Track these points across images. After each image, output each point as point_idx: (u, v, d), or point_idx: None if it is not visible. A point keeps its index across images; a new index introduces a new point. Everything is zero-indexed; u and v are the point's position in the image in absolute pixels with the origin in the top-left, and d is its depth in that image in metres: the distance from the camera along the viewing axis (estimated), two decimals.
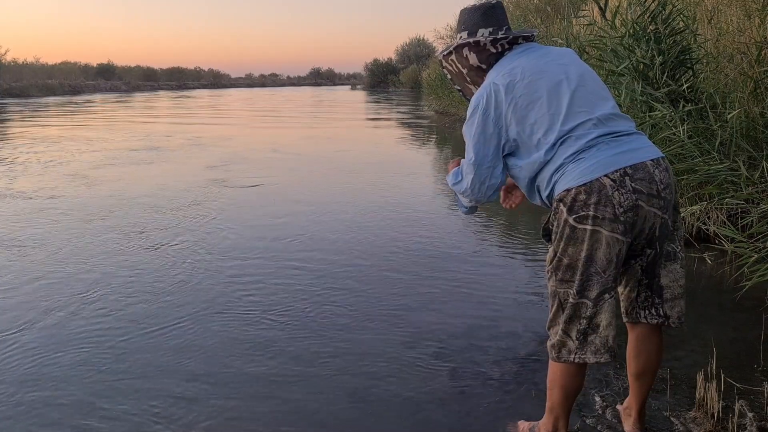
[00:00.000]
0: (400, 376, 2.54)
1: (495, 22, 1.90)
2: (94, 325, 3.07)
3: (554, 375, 1.85)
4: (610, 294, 1.73)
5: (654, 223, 1.72)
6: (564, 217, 1.70)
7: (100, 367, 2.62)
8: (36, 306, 3.32)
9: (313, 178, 7.65)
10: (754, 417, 2.12)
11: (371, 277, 3.81)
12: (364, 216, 5.51)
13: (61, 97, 36.48)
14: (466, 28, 1.92)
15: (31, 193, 6.53)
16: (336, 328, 3.04)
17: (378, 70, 52.87)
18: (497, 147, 1.81)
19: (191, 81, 74.62)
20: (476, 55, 1.89)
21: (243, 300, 3.42)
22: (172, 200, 6.12)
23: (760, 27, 4.00)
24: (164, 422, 2.21)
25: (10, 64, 46.24)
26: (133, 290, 3.56)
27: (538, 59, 1.83)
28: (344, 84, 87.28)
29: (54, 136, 13.03)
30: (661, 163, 1.73)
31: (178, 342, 2.87)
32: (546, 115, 1.74)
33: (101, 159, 9.27)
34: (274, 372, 2.58)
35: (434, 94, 19.68)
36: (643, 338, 1.91)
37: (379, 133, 14.77)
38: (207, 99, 37.55)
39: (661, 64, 4.03)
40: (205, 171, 8.08)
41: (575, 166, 1.69)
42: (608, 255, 1.68)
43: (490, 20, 1.90)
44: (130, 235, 4.77)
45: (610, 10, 4.46)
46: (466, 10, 1.96)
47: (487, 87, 1.82)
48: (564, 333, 1.77)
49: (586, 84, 1.79)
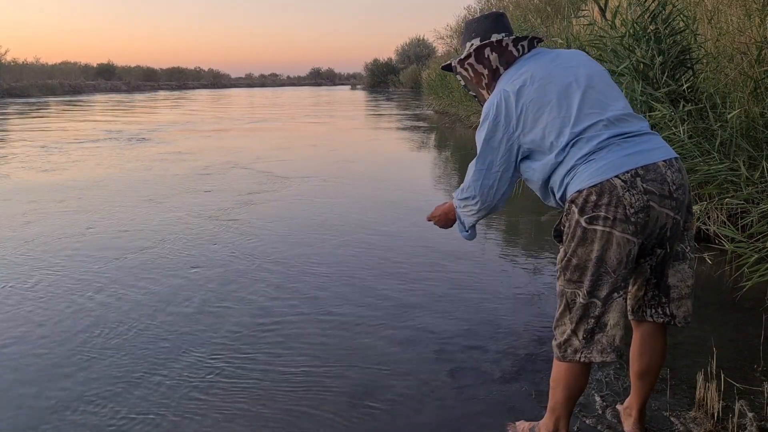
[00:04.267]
0: (400, 375, 2.54)
1: (504, 28, 1.93)
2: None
3: (558, 374, 1.85)
4: (619, 293, 1.73)
5: (666, 223, 1.72)
6: (575, 218, 1.71)
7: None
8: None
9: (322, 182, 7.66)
10: (754, 417, 2.12)
11: (371, 277, 3.81)
12: (364, 215, 5.52)
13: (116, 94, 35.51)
14: (477, 35, 1.93)
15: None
16: (335, 328, 3.04)
17: (378, 70, 52.93)
18: (506, 153, 1.82)
19: (191, 81, 74.67)
20: (498, 56, 1.90)
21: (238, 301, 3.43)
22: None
23: (760, 27, 4.00)
24: (164, 423, 2.22)
25: (10, 64, 46.30)
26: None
27: (548, 64, 1.83)
28: (344, 84, 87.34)
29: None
30: (674, 164, 1.73)
31: (170, 339, 2.87)
32: (557, 118, 1.74)
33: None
34: (273, 372, 2.59)
35: (434, 94, 19.70)
36: (647, 337, 1.91)
37: (380, 132, 14.77)
38: (239, 99, 37.51)
39: (661, 64, 4.03)
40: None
41: (586, 168, 1.69)
42: (619, 255, 1.68)
43: (501, 27, 1.92)
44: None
45: (610, 10, 4.46)
46: (475, 20, 1.98)
47: (497, 94, 1.83)
48: (572, 332, 1.77)
49: (595, 85, 1.80)
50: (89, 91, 48.76)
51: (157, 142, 11.95)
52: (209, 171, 8.10)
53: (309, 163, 9.00)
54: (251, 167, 8.40)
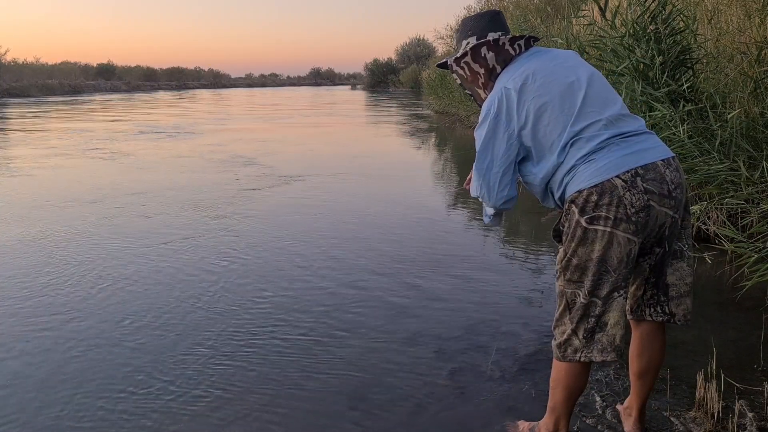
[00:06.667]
0: (400, 375, 2.54)
1: (501, 27, 1.92)
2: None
3: (558, 374, 1.85)
4: (619, 293, 1.73)
5: (665, 222, 1.72)
6: (576, 218, 1.71)
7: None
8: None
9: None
10: (754, 417, 2.12)
11: (370, 276, 3.81)
12: (363, 214, 5.53)
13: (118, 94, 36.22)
14: (474, 33, 1.92)
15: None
16: (335, 328, 3.04)
17: (378, 70, 52.90)
18: (506, 151, 1.81)
19: (191, 81, 74.71)
20: (494, 55, 1.89)
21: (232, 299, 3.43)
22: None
23: (760, 27, 4.00)
24: (163, 425, 2.22)
25: (10, 64, 46.36)
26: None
27: (548, 62, 1.83)
28: (344, 84, 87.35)
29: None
30: (672, 163, 1.74)
31: (165, 339, 2.87)
32: (559, 116, 1.74)
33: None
34: (273, 372, 2.59)
35: (434, 94, 19.69)
36: (647, 336, 1.91)
37: (380, 133, 14.76)
38: (251, 99, 37.50)
39: (661, 64, 4.03)
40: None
41: (586, 168, 1.69)
42: (620, 255, 1.69)
43: (497, 25, 1.91)
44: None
45: (610, 10, 4.46)
46: (471, 18, 1.96)
47: (498, 92, 1.82)
48: (572, 332, 1.77)
49: (595, 85, 1.80)
50: (89, 91, 48.75)
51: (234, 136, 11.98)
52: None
53: (308, 162, 9.01)
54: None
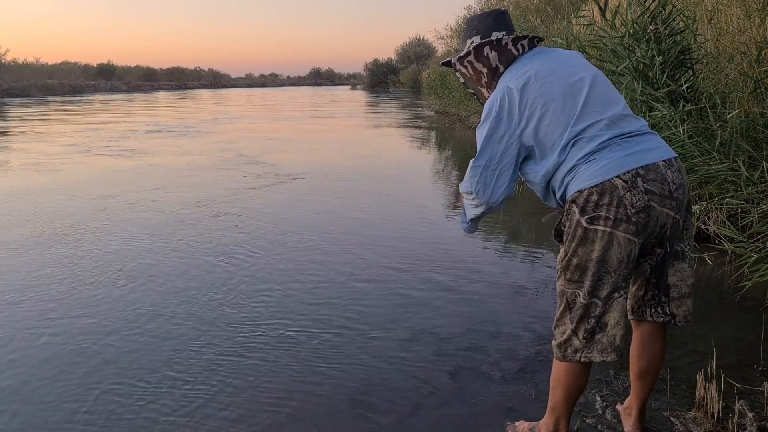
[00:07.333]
0: (400, 376, 2.54)
1: (506, 26, 1.92)
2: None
3: (558, 374, 1.85)
4: (620, 293, 1.73)
5: (666, 223, 1.72)
6: (576, 218, 1.71)
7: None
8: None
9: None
10: (754, 417, 2.12)
11: (370, 277, 3.81)
12: (362, 214, 5.53)
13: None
14: (478, 32, 1.92)
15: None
16: (335, 327, 3.04)
17: (378, 70, 52.90)
18: (506, 151, 1.81)
19: (191, 81, 74.74)
20: (497, 55, 1.90)
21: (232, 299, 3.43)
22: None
23: (760, 27, 4.00)
24: (163, 426, 2.22)
25: (10, 64, 46.38)
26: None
27: (551, 62, 1.83)
28: (344, 84, 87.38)
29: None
30: (674, 164, 1.73)
31: (167, 344, 2.87)
32: (561, 116, 1.74)
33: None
34: (273, 372, 2.59)
35: (434, 94, 19.68)
36: (647, 337, 1.91)
37: (380, 132, 14.76)
38: (252, 98, 37.44)
39: (661, 64, 4.03)
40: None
41: (587, 168, 1.70)
42: (620, 255, 1.69)
43: (502, 25, 1.92)
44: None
45: (610, 10, 4.46)
46: (476, 17, 1.97)
47: (500, 91, 1.82)
48: (572, 332, 1.77)
49: (598, 85, 1.80)
50: (89, 91, 48.75)
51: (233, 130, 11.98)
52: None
53: (313, 161, 9.01)
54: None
